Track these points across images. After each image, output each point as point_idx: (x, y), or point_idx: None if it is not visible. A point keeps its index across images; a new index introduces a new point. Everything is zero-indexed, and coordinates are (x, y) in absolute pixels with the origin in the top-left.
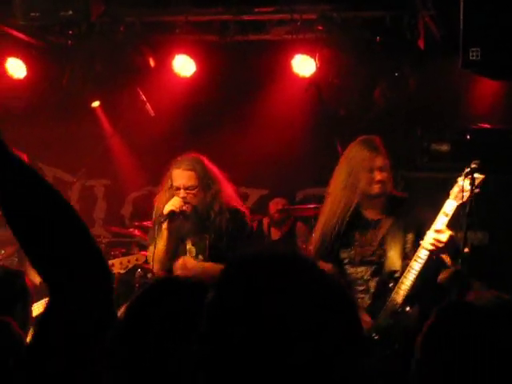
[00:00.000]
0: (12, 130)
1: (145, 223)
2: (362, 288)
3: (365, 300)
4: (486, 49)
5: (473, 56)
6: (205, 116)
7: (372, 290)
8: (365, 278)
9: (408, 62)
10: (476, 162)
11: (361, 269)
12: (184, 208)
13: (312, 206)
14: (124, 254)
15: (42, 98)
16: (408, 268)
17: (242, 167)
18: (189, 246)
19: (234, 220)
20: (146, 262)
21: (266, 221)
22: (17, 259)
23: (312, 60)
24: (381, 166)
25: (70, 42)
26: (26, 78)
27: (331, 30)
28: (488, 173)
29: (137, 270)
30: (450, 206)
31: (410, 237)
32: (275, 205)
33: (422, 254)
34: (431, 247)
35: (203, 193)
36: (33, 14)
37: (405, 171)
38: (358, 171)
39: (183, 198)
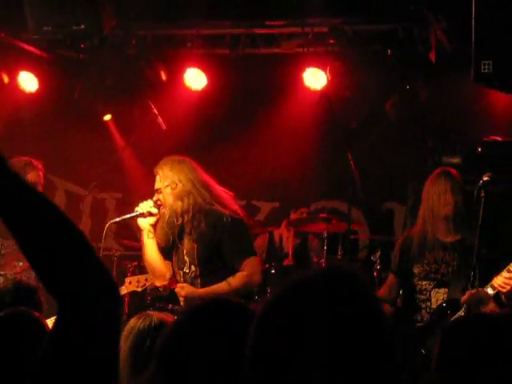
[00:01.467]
0: (24, 143)
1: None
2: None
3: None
4: (497, 62)
5: (484, 69)
6: (216, 129)
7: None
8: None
9: (419, 74)
10: (488, 174)
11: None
12: (153, 211)
13: (324, 225)
14: (136, 268)
15: (53, 112)
16: None
17: (253, 180)
18: (185, 257)
19: (215, 221)
20: None
21: (277, 233)
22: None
23: (323, 73)
24: None
25: (81, 55)
26: (37, 91)
27: (342, 43)
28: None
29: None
30: None
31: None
32: (300, 215)
33: (489, 292)
34: (502, 288)
35: (171, 194)
36: (45, 28)
37: (416, 184)
38: None
39: (155, 201)
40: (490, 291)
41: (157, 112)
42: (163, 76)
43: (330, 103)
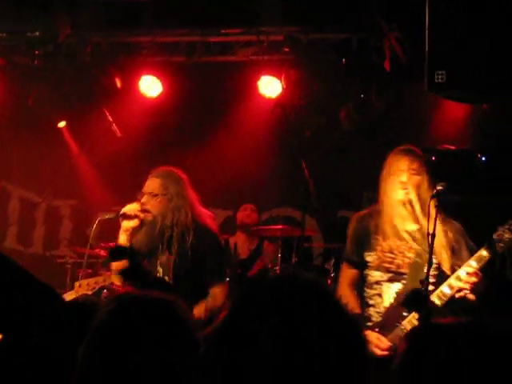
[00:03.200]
0: None
1: (111, 244)
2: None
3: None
4: (451, 72)
5: (438, 79)
6: (171, 137)
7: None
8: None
9: (374, 83)
10: (442, 183)
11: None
12: (140, 214)
13: (279, 227)
14: (90, 275)
15: (7, 118)
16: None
17: (207, 188)
18: (158, 267)
19: (201, 239)
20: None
21: (232, 240)
22: None
23: (278, 81)
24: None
25: (36, 62)
26: None
27: (297, 51)
28: (454, 194)
29: (102, 290)
30: (484, 253)
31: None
32: (243, 211)
33: (446, 291)
34: (457, 289)
35: (165, 205)
36: (0, 34)
37: (371, 192)
38: None
39: (143, 203)
40: (446, 290)
41: (112, 119)
42: (118, 83)
43: (285, 111)
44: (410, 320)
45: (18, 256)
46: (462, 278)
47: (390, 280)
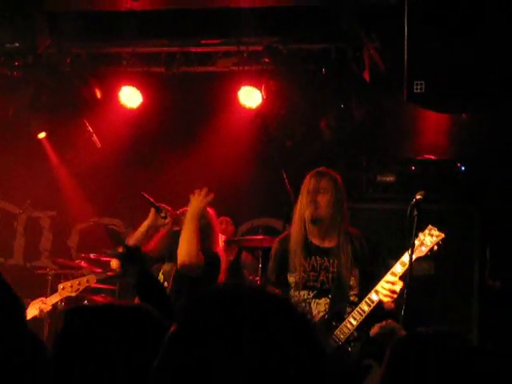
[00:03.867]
0: None
1: (91, 255)
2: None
3: None
4: (430, 82)
5: (417, 89)
6: (151, 147)
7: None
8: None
9: (354, 93)
10: (421, 193)
11: (303, 292)
12: (169, 218)
13: (259, 237)
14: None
15: None
16: (357, 309)
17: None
18: (161, 273)
19: (210, 263)
20: (97, 283)
21: None
22: None
23: (258, 91)
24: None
25: (16, 73)
26: None
27: (277, 61)
28: (431, 203)
29: (83, 301)
30: (407, 257)
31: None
32: (219, 224)
33: (374, 298)
34: (384, 295)
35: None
36: None
37: (351, 202)
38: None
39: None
40: (373, 297)
41: (92, 130)
42: (98, 94)
43: (265, 122)
44: (341, 328)
45: None
46: (386, 286)
47: (318, 296)
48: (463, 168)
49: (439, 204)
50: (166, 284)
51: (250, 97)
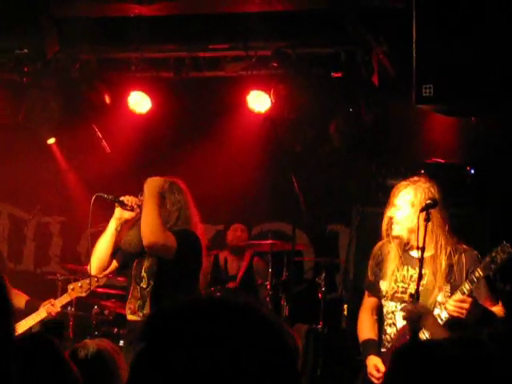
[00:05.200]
0: None
1: None
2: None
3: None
4: (438, 85)
5: (426, 92)
6: (160, 153)
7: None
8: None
9: (363, 97)
10: (431, 197)
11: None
12: (137, 209)
13: (269, 241)
14: None
15: None
16: None
17: (197, 203)
18: (143, 272)
19: (181, 239)
20: (107, 288)
21: (222, 255)
22: None
23: (267, 96)
24: None
25: (25, 79)
26: None
27: (286, 66)
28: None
29: (93, 307)
30: (475, 274)
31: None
32: (234, 231)
33: (443, 316)
34: (454, 313)
35: (168, 212)
36: None
37: (360, 206)
38: None
39: (141, 200)
40: (443, 315)
41: (101, 135)
42: (107, 99)
43: (274, 126)
44: None
45: (9, 273)
46: (454, 303)
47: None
48: (473, 171)
49: (449, 208)
50: (151, 283)
51: (259, 101)
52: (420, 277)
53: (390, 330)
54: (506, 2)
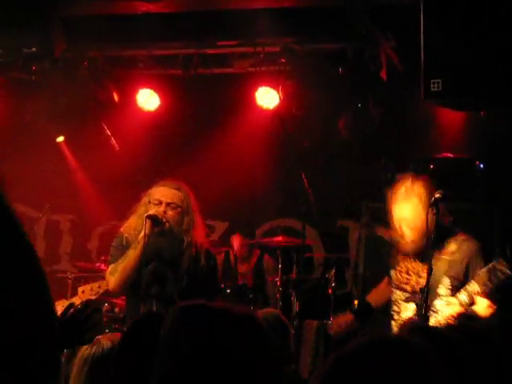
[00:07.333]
0: None
1: None
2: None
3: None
4: (447, 80)
5: (434, 87)
6: (170, 150)
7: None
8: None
9: (371, 93)
10: (439, 191)
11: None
12: (164, 220)
13: (278, 238)
14: None
15: (5, 133)
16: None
17: (207, 200)
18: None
19: (208, 259)
20: None
21: (232, 253)
22: None
23: (275, 92)
24: None
25: (33, 77)
26: None
27: (294, 62)
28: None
29: (104, 304)
30: (474, 288)
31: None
32: (236, 241)
33: (432, 321)
34: (443, 318)
35: (182, 217)
36: None
37: (369, 201)
38: None
39: (164, 211)
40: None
41: (110, 133)
42: (116, 97)
43: (283, 122)
44: None
45: None
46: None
47: (407, 300)
48: (482, 166)
49: (458, 202)
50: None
51: (267, 97)
52: (430, 270)
53: (396, 317)
54: None
